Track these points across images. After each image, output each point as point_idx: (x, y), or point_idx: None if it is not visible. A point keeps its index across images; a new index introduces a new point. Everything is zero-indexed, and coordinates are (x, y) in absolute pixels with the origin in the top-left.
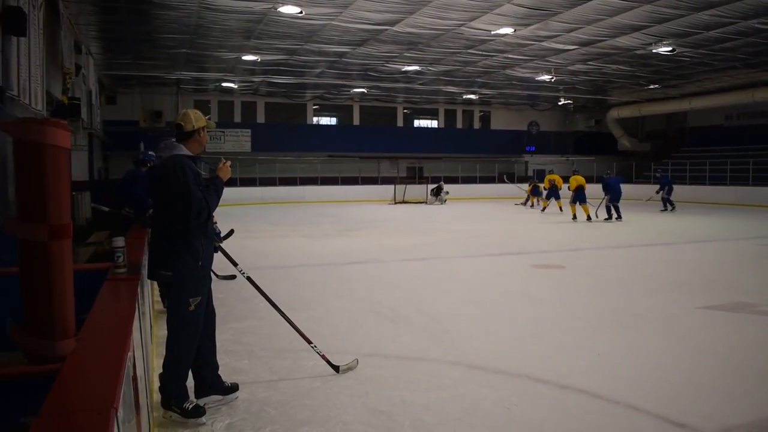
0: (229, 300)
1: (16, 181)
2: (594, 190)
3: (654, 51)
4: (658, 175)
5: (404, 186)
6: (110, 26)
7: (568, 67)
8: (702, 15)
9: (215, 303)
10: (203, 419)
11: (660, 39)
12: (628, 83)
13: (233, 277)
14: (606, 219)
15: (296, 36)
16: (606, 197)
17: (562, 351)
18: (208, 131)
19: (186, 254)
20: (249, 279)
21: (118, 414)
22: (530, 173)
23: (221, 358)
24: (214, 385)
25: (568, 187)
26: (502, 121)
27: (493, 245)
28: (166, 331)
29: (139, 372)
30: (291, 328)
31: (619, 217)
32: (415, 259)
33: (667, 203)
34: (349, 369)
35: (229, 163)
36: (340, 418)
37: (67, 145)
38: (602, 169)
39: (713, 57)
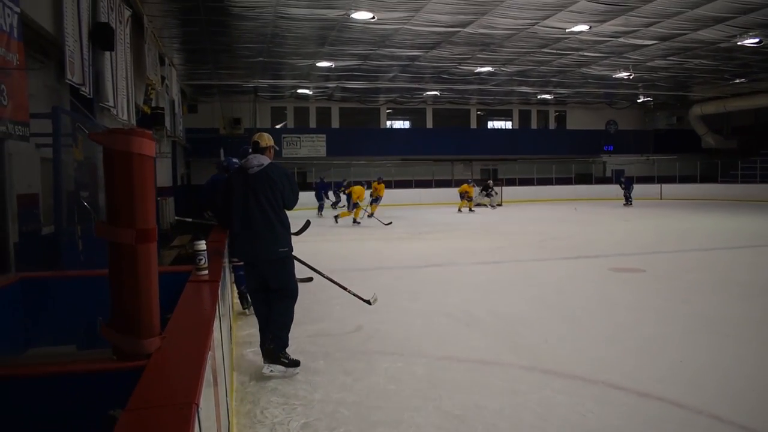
0: (304, 302)
1: (106, 187)
2: None
3: (739, 43)
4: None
5: (479, 188)
6: (191, 38)
7: (647, 63)
8: None
9: None
10: (297, 369)
11: (745, 30)
12: (711, 78)
13: (311, 279)
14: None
15: (369, 41)
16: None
17: (642, 357)
18: (284, 137)
19: (288, 234)
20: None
21: (200, 409)
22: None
23: (297, 357)
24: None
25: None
26: (578, 120)
27: (569, 248)
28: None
29: (220, 370)
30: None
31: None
32: (490, 262)
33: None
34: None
35: None
36: (413, 421)
37: (152, 153)
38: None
39: None
